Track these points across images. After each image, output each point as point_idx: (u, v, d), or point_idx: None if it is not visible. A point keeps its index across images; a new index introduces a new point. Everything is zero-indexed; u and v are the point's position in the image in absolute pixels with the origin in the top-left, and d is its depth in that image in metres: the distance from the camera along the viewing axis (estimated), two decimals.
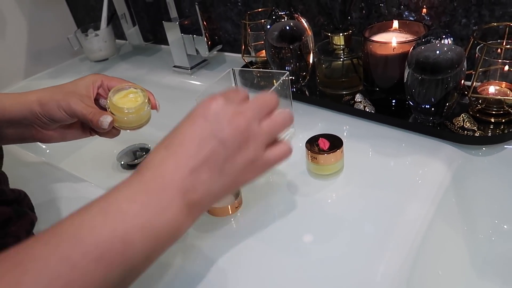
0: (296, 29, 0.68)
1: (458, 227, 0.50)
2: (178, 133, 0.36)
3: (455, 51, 0.52)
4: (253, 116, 0.37)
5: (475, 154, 0.53)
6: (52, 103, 0.50)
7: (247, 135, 0.36)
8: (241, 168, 0.36)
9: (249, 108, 0.37)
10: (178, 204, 0.34)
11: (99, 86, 0.54)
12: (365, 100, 0.63)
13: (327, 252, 0.43)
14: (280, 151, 0.39)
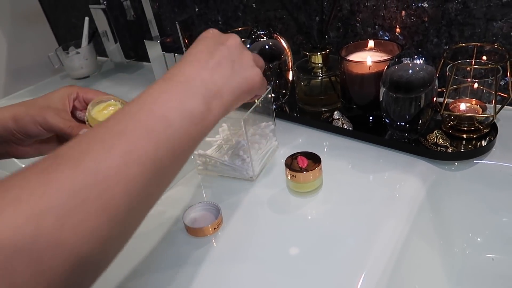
0: (275, 48, 0.69)
1: (433, 241, 0.52)
2: (187, 53, 0.41)
3: (427, 71, 0.54)
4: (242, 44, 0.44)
5: (448, 169, 0.55)
6: (27, 119, 0.49)
7: (242, 48, 0.43)
8: (246, 67, 0.42)
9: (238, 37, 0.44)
10: (202, 93, 0.37)
11: (74, 99, 0.53)
12: (343, 117, 0.65)
13: (307, 269, 0.44)
14: (260, 65, 0.47)
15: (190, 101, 0.36)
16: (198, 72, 0.39)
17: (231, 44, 0.42)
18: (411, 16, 0.64)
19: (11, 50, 1.13)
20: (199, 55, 0.40)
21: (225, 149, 0.60)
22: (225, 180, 0.59)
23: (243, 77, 0.42)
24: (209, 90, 0.38)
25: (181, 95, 0.36)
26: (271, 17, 0.80)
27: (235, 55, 0.42)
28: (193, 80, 0.38)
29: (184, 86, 0.37)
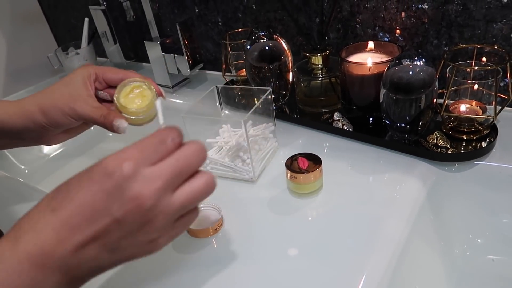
0: (275, 49, 0.69)
1: (434, 242, 0.52)
2: (70, 197, 0.30)
3: (427, 72, 0.54)
4: (165, 188, 0.30)
5: (448, 170, 0.55)
6: (56, 111, 0.48)
7: (152, 215, 0.30)
8: (142, 244, 0.31)
9: (163, 176, 0.30)
10: (58, 280, 0.29)
11: (94, 80, 0.50)
12: (343, 119, 0.65)
13: (308, 270, 0.44)
14: (189, 219, 0.34)
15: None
16: (62, 247, 0.29)
17: (126, 219, 0.29)
18: (411, 18, 0.64)
19: (10, 51, 1.12)
20: (75, 216, 0.29)
21: (225, 150, 0.60)
22: (225, 181, 0.59)
23: (127, 256, 0.32)
24: (68, 277, 0.30)
25: (14, 276, 0.28)
26: (271, 18, 0.80)
27: (125, 232, 0.30)
28: (49, 265, 0.29)
29: (33, 272, 0.28)
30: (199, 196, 0.32)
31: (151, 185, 0.29)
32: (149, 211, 0.29)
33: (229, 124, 0.62)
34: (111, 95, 0.51)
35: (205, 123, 0.62)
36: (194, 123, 0.58)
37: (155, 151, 0.31)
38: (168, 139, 0.32)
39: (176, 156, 0.31)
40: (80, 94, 0.48)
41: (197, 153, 0.32)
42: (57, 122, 0.49)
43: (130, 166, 0.29)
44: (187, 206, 0.32)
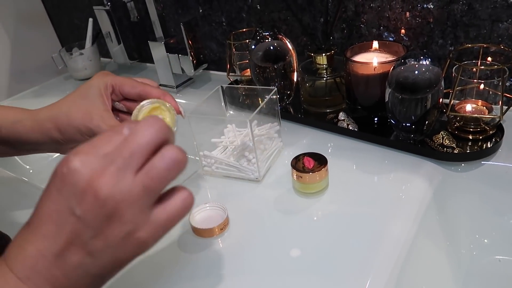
0: (280, 49, 0.69)
1: (440, 242, 0.51)
2: (38, 206, 0.29)
3: (433, 71, 0.54)
4: (118, 172, 0.27)
5: (454, 170, 0.55)
6: (72, 130, 0.47)
7: (114, 204, 0.27)
8: (119, 242, 0.28)
9: (113, 160, 0.28)
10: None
11: (111, 92, 0.49)
12: (348, 118, 0.65)
13: (313, 270, 0.44)
14: (176, 204, 0.30)
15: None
16: (42, 259, 0.28)
17: (85, 213, 0.27)
18: (416, 17, 0.64)
19: (14, 51, 1.13)
20: (45, 226, 0.28)
21: (230, 150, 0.60)
22: (230, 181, 0.59)
23: (112, 258, 0.29)
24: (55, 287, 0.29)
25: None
26: (275, 18, 0.80)
27: (93, 229, 0.28)
28: (35, 278, 0.28)
29: (13, 279, 0.28)
30: (164, 172, 0.28)
31: (102, 173, 0.27)
32: (108, 200, 0.27)
33: (234, 124, 0.62)
34: (127, 107, 0.51)
35: (210, 123, 0.62)
36: (199, 123, 0.58)
37: (108, 142, 0.29)
38: (123, 129, 0.29)
39: (126, 137, 0.29)
40: (97, 109, 0.47)
41: (148, 127, 0.28)
42: (73, 140, 0.49)
43: (78, 160, 0.27)
44: (152, 188, 0.28)
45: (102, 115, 0.47)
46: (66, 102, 0.49)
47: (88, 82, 0.49)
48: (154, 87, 0.50)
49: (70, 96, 0.49)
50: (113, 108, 0.50)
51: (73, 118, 0.47)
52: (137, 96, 0.49)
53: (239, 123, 0.62)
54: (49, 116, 0.48)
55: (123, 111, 0.52)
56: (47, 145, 0.50)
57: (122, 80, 0.49)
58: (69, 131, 0.48)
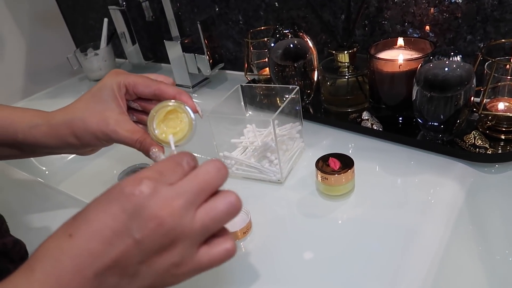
0: (300, 47, 0.67)
1: (473, 248, 0.49)
2: (88, 219, 0.28)
3: (464, 68, 0.51)
4: (186, 206, 0.29)
5: (487, 171, 0.52)
6: (89, 136, 0.46)
7: (173, 235, 0.28)
8: (161, 271, 0.29)
9: (183, 193, 0.29)
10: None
11: (125, 93, 0.48)
12: (372, 118, 0.63)
13: (340, 276, 0.42)
14: (219, 252, 0.31)
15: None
16: (80, 276, 0.27)
17: (146, 239, 0.28)
18: (443, 13, 0.62)
19: (29, 52, 1.13)
20: (94, 240, 0.27)
21: (250, 150, 0.58)
22: (251, 182, 0.57)
23: (150, 283, 0.30)
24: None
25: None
26: (294, 16, 0.78)
27: (146, 254, 0.28)
28: (63, 284, 0.27)
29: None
30: (222, 216, 0.30)
31: (171, 204, 0.28)
32: (170, 231, 0.28)
33: (254, 124, 0.60)
34: (142, 106, 0.49)
35: (229, 123, 0.61)
36: (218, 123, 0.56)
37: (173, 172, 0.30)
38: (183, 161, 0.31)
39: (194, 173, 0.30)
40: (112, 113, 0.46)
41: (216, 170, 0.31)
42: (90, 144, 0.48)
43: (149, 185, 0.28)
44: (209, 227, 0.30)
45: (117, 119, 0.46)
46: (81, 105, 0.47)
47: (100, 82, 0.48)
48: (169, 84, 0.48)
49: (84, 98, 0.48)
50: (128, 107, 0.49)
51: (89, 124, 0.46)
52: (152, 95, 0.47)
53: (259, 123, 0.60)
54: (65, 121, 0.47)
55: (138, 110, 0.50)
56: (64, 149, 0.50)
57: (135, 79, 0.47)
58: (85, 136, 0.46)
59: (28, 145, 0.49)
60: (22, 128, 0.48)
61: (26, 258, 0.45)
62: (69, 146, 0.48)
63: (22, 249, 0.45)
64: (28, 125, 0.48)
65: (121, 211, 0.28)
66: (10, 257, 0.42)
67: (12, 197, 0.67)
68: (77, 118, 0.46)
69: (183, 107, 0.45)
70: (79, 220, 0.29)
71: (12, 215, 0.59)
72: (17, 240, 0.45)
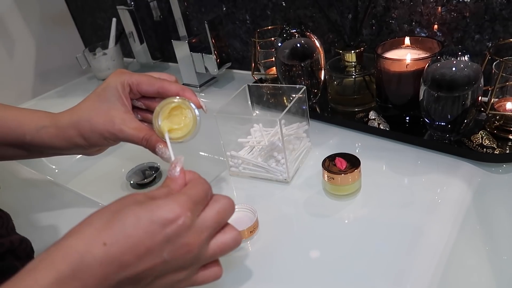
0: (307, 46, 0.67)
1: (480, 248, 0.49)
2: (126, 232, 0.30)
3: (472, 68, 0.51)
4: (208, 238, 0.34)
5: (495, 171, 0.52)
6: (96, 136, 0.47)
7: (192, 261, 0.33)
8: (167, 284, 0.33)
9: (208, 227, 0.34)
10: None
11: (129, 92, 0.48)
12: (379, 117, 0.63)
13: (346, 276, 0.42)
14: (211, 274, 0.36)
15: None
16: (100, 280, 0.29)
17: (173, 261, 0.32)
18: (451, 12, 0.62)
19: (39, 52, 1.14)
20: (128, 253, 0.29)
21: (257, 150, 0.59)
22: (257, 181, 0.58)
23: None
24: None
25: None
26: (301, 15, 0.78)
27: (165, 272, 0.32)
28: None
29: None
30: (227, 249, 0.35)
31: (200, 236, 0.33)
32: (192, 257, 0.33)
33: (261, 123, 0.60)
34: (146, 105, 0.50)
35: (236, 122, 0.61)
36: (225, 123, 0.57)
37: (202, 204, 0.34)
38: (209, 193, 0.36)
39: (216, 209, 0.35)
40: (117, 112, 0.47)
41: (230, 208, 0.36)
42: (97, 144, 0.48)
43: (190, 217, 0.32)
44: (215, 256, 0.35)
45: (123, 118, 0.46)
46: (86, 106, 0.48)
47: (105, 82, 0.48)
48: (172, 82, 0.49)
49: (89, 99, 0.48)
50: (132, 106, 0.49)
51: (95, 124, 0.47)
52: (155, 93, 0.48)
53: (266, 122, 0.61)
54: (71, 122, 0.48)
55: (142, 108, 0.51)
56: (71, 150, 0.50)
57: (139, 78, 0.48)
58: (92, 137, 0.47)
59: (35, 146, 0.50)
60: (30, 130, 0.49)
61: (32, 256, 0.46)
62: (76, 147, 0.49)
63: (28, 247, 0.46)
64: (35, 127, 0.49)
65: (162, 235, 0.31)
66: (16, 254, 0.43)
67: (21, 194, 0.68)
68: (84, 119, 0.47)
69: (187, 103, 0.45)
70: (115, 229, 0.30)
71: (21, 213, 0.60)
72: (23, 238, 0.46)
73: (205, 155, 0.83)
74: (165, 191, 0.35)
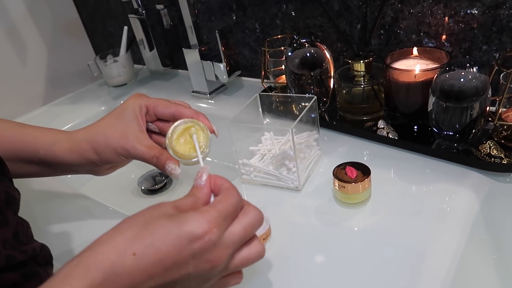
0: (317, 56, 0.69)
1: (489, 257, 0.50)
2: (156, 245, 0.31)
3: (480, 79, 0.52)
4: (232, 253, 0.35)
5: (502, 181, 0.53)
6: (109, 151, 0.49)
7: (215, 274, 0.34)
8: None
9: (234, 242, 0.34)
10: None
11: (145, 113, 0.51)
12: (388, 126, 0.64)
13: (356, 283, 0.43)
14: (231, 281, 0.38)
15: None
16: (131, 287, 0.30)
17: (198, 274, 0.33)
18: (459, 23, 0.63)
19: (51, 59, 1.16)
20: (156, 265, 0.31)
21: (268, 158, 0.60)
22: (269, 189, 0.59)
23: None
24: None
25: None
26: (310, 24, 0.79)
27: (188, 283, 0.33)
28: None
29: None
30: (250, 262, 0.36)
31: (226, 251, 0.33)
32: (215, 271, 0.34)
33: (272, 131, 0.62)
34: (159, 128, 0.52)
35: (247, 131, 0.62)
36: (237, 131, 0.58)
37: (230, 218, 0.35)
38: (239, 206, 0.36)
39: (244, 224, 0.35)
40: (132, 130, 0.49)
41: (258, 222, 0.36)
42: (109, 161, 0.50)
43: (217, 234, 0.33)
44: (238, 268, 0.36)
45: (137, 136, 0.48)
46: (103, 123, 0.50)
47: (123, 103, 0.51)
48: (187, 107, 0.51)
49: (106, 118, 0.51)
50: (146, 129, 0.51)
51: (110, 139, 0.48)
52: (171, 116, 0.50)
53: (277, 131, 0.62)
54: (86, 137, 0.50)
55: (155, 132, 0.52)
56: (83, 167, 0.52)
57: (156, 101, 0.51)
58: (106, 152, 0.49)
59: (48, 161, 0.51)
60: (44, 144, 0.51)
61: (51, 262, 0.47)
62: (88, 162, 0.50)
63: (47, 253, 0.47)
64: (49, 142, 0.51)
65: (188, 249, 0.31)
66: (37, 261, 0.44)
67: (34, 201, 0.69)
68: (99, 134, 0.49)
69: (200, 125, 0.47)
70: (145, 241, 0.31)
71: (35, 219, 0.61)
72: (43, 245, 0.47)
73: (217, 162, 0.84)
74: (191, 200, 0.35)
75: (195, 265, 0.32)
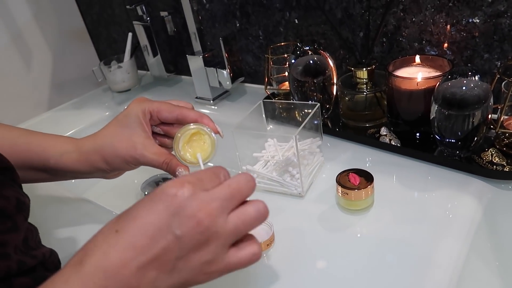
0: (319, 63, 0.69)
1: (492, 264, 0.50)
2: (133, 216, 0.31)
3: (482, 88, 0.53)
4: (221, 209, 0.32)
5: (505, 188, 0.53)
6: (118, 160, 0.49)
7: (209, 234, 0.31)
8: (196, 268, 0.32)
9: (218, 198, 0.32)
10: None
11: (150, 119, 0.51)
12: (390, 133, 0.64)
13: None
14: (246, 254, 0.34)
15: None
16: (124, 269, 0.30)
17: (186, 235, 0.31)
18: (460, 32, 0.63)
19: (56, 65, 1.17)
20: (139, 236, 0.30)
21: (272, 164, 0.60)
22: (272, 195, 0.59)
23: (184, 279, 0.32)
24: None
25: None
26: (313, 32, 0.80)
27: (184, 250, 0.31)
28: (109, 278, 0.29)
29: (92, 286, 0.29)
30: (251, 220, 0.33)
31: (208, 206, 0.31)
32: (206, 230, 0.31)
33: (275, 138, 0.62)
34: (164, 130, 0.52)
35: (251, 137, 0.63)
36: (240, 137, 0.59)
37: (210, 181, 0.34)
38: (220, 173, 0.35)
39: (228, 182, 0.34)
40: (138, 137, 0.49)
41: (246, 181, 0.34)
42: (119, 168, 0.51)
43: (189, 189, 0.32)
44: (240, 229, 0.33)
45: (144, 143, 0.49)
46: (109, 132, 0.51)
47: (126, 109, 0.51)
48: (190, 109, 0.51)
49: (111, 125, 0.51)
50: (152, 132, 0.52)
51: (118, 149, 0.49)
52: (174, 120, 0.51)
53: (280, 137, 0.62)
54: (95, 148, 0.50)
55: (161, 134, 0.53)
56: (92, 174, 0.53)
57: (159, 105, 0.50)
58: (115, 161, 0.50)
59: (58, 170, 0.52)
60: (54, 155, 0.52)
61: (59, 267, 0.47)
62: (98, 171, 0.51)
63: (56, 258, 0.48)
64: (59, 152, 0.52)
65: (164, 209, 0.31)
66: (46, 266, 0.45)
67: (38, 206, 0.69)
68: (107, 145, 0.50)
69: (205, 129, 0.48)
70: (124, 218, 0.32)
71: (39, 224, 0.62)
72: (52, 250, 0.48)
73: None
74: None
75: (179, 225, 0.30)
